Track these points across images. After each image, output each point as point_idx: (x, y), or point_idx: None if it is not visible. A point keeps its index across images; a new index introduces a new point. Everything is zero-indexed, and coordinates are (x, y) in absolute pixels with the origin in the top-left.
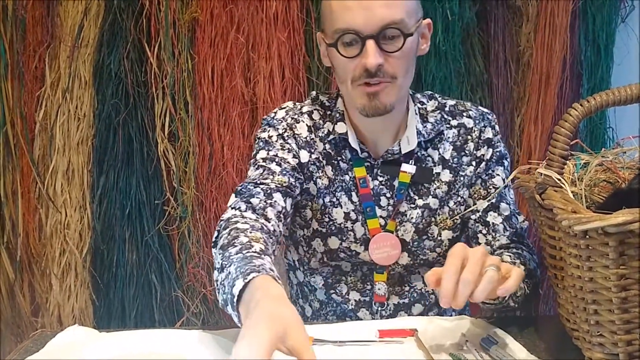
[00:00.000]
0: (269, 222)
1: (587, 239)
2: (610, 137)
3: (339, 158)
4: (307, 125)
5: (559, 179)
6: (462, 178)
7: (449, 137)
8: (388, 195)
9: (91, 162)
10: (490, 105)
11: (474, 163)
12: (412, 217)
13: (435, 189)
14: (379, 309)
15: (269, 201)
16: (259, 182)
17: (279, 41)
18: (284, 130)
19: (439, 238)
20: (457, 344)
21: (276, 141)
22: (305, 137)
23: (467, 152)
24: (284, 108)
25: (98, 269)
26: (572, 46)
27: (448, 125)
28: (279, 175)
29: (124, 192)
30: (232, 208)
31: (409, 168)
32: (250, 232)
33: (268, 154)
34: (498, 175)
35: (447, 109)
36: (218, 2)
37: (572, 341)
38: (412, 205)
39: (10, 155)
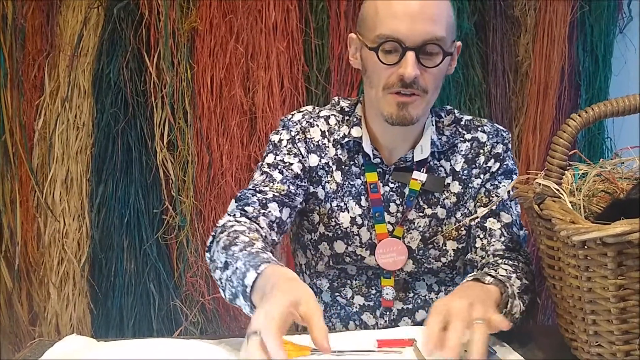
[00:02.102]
0: (262, 230)
1: (586, 249)
2: (608, 147)
3: (351, 162)
4: (321, 130)
5: (558, 189)
6: (470, 190)
7: (461, 150)
8: (398, 202)
9: (90, 171)
10: (489, 116)
11: (481, 175)
12: (419, 226)
13: (444, 199)
14: (384, 313)
15: (262, 211)
16: (257, 189)
17: (278, 51)
18: (296, 133)
19: (444, 248)
20: None
21: (285, 145)
22: (317, 142)
23: (477, 165)
24: (302, 111)
25: (96, 278)
26: (571, 57)
27: (462, 139)
28: (278, 183)
29: (122, 201)
30: (228, 214)
31: (420, 176)
32: (249, 233)
33: (274, 159)
34: (503, 186)
35: (462, 123)
36: (217, 12)
37: (570, 351)
38: (421, 214)
39: (9, 164)
